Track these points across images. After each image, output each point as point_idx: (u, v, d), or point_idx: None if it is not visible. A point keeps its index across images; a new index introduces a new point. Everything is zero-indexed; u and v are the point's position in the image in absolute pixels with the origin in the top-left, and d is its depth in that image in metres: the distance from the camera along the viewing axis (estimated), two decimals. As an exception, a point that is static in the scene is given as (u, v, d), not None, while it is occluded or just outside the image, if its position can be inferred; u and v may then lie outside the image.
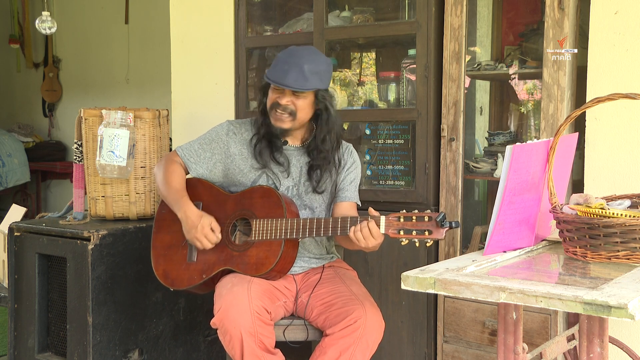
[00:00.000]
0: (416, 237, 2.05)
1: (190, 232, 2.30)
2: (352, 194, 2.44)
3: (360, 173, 2.51)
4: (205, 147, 2.43)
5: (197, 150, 2.43)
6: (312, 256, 2.43)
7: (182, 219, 2.32)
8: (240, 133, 2.44)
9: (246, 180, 2.40)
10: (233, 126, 2.45)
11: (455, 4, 2.69)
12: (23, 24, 7.19)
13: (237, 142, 2.42)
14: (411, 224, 2.06)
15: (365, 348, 2.15)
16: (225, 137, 2.43)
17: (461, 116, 2.72)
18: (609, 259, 1.76)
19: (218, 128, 2.46)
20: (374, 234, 2.10)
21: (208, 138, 2.45)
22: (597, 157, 2.48)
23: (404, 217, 2.07)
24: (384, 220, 2.10)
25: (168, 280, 2.40)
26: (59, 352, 2.83)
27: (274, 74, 2.28)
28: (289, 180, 2.40)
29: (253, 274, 2.25)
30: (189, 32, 3.51)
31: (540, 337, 2.49)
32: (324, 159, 2.37)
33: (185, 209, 2.32)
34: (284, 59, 2.30)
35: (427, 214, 2.05)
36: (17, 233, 2.89)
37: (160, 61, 5.60)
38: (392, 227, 2.08)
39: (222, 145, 2.42)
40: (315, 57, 2.32)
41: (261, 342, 2.12)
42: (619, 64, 2.42)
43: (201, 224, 2.28)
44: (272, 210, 2.27)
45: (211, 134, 2.45)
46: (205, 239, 2.28)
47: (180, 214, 2.33)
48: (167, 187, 2.39)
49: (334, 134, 2.38)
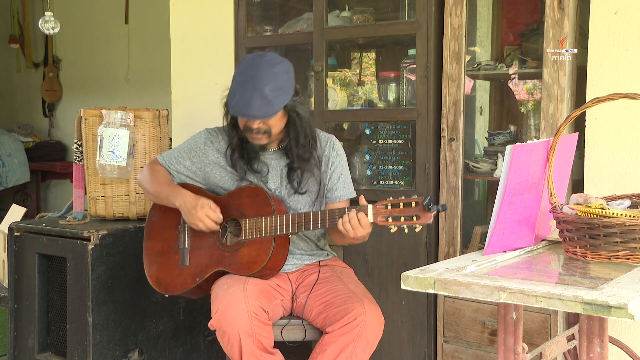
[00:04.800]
0: (405, 223, 2.05)
1: (191, 214, 2.28)
2: (342, 191, 2.42)
3: (346, 163, 2.47)
4: (184, 155, 2.45)
5: (177, 158, 2.45)
6: (303, 253, 2.43)
7: (180, 206, 2.32)
8: (218, 141, 2.44)
9: (229, 186, 2.40)
10: (210, 135, 2.46)
11: (455, 4, 2.69)
12: (23, 24, 7.19)
13: (215, 151, 2.43)
14: (399, 210, 2.06)
15: (366, 345, 2.15)
16: (203, 146, 2.44)
17: (461, 116, 2.72)
18: (609, 259, 1.76)
19: (197, 137, 2.47)
20: (363, 224, 2.11)
21: (187, 147, 2.46)
22: (597, 157, 2.48)
23: (392, 204, 2.08)
24: (371, 209, 2.10)
25: (162, 287, 2.40)
26: (59, 352, 2.83)
27: (237, 106, 2.20)
28: (270, 184, 2.39)
29: (246, 273, 2.25)
30: (189, 32, 3.51)
31: (540, 337, 2.49)
32: (302, 159, 2.36)
33: (181, 196, 2.33)
34: (241, 85, 2.19)
35: (413, 199, 2.05)
36: (17, 233, 2.89)
37: (160, 61, 5.59)
38: (380, 214, 2.09)
39: (200, 155, 2.43)
40: (272, 70, 2.19)
41: (259, 343, 2.12)
42: (619, 64, 2.42)
43: (200, 203, 2.27)
44: (261, 209, 2.27)
45: (190, 143, 2.46)
46: (207, 218, 2.27)
47: (178, 201, 2.32)
48: (157, 185, 2.40)
49: (308, 133, 2.35)
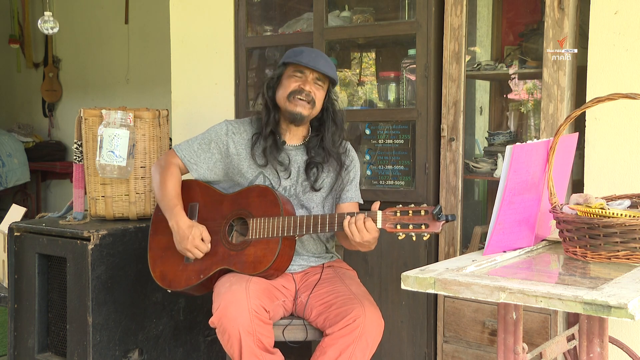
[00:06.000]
0: (413, 231, 2.06)
1: (181, 244, 2.31)
2: (353, 193, 2.46)
3: (359, 169, 2.52)
4: (204, 147, 2.43)
5: (197, 150, 2.43)
6: (310, 255, 2.44)
7: (173, 229, 2.34)
8: (239, 133, 2.44)
9: (244, 180, 2.40)
10: (232, 126, 2.45)
11: (455, 4, 2.69)
12: (23, 24, 7.19)
13: (236, 142, 2.42)
14: (408, 218, 2.07)
15: (365, 347, 2.15)
16: (225, 137, 2.43)
17: (461, 116, 2.72)
18: (609, 259, 1.76)
19: (217, 128, 2.46)
20: (368, 227, 2.11)
21: (207, 138, 2.44)
22: (597, 157, 2.48)
23: (401, 212, 2.08)
24: (380, 215, 2.11)
25: (165, 282, 2.40)
26: (59, 352, 2.83)
27: (304, 58, 2.32)
28: (288, 180, 2.40)
29: (251, 273, 2.25)
30: (189, 32, 3.51)
31: (540, 337, 2.49)
32: (326, 156, 2.39)
33: (177, 219, 2.33)
34: (305, 49, 2.37)
35: (423, 207, 2.06)
36: (17, 233, 2.89)
37: (160, 61, 5.59)
38: (389, 221, 2.09)
39: (221, 146, 2.42)
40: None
41: (260, 341, 2.12)
42: (619, 64, 2.42)
43: (192, 235, 2.29)
44: (269, 209, 2.27)
45: (210, 134, 2.45)
46: (196, 249, 2.30)
47: (172, 223, 2.34)
48: (162, 193, 2.40)
49: (342, 132, 2.43)
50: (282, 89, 2.37)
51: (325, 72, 2.33)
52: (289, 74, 2.35)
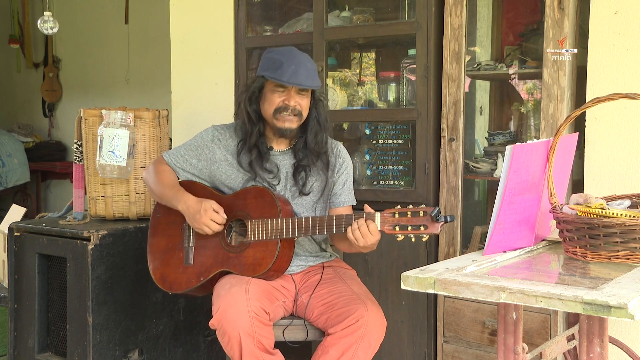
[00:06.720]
0: (412, 233, 2.05)
1: (195, 219, 2.28)
2: (347, 197, 2.44)
3: (352, 171, 2.50)
4: (191, 152, 2.44)
5: (184, 155, 2.44)
6: (308, 254, 2.43)
7: (183, 210, 2.31)
8: (225, 139, 2.43)
9: (235, 184, 2.39)
10: (217, 132, 2.44)
11: (455, 4, 2.69)
12: (23, 24, 7.19)
13: (222, 148, 2.42)
14: (406, 219, 2.06)
15: (368, 347, 2.15)
16: (210, 144, 2.42)
17: (461, 116, 2.72)
18: (609, 259, 1.76)
19: (203, 134, 2.46)
20: (372, 231, 2.10)
21: (194, 144, 2.45)
22: (597, 157, 2.48)
23: (399, 213, 2.08)
24: (379, 217, 2.10)
25: (166, 284, 2.40)
26: (59, 352, 2.83)
27: (285, 74, 2.24)
28: (278, 186, 2.39)
29: (250, 275, 2.25)
30: (189, 32, 3.51)
31: (540, 337, 2.49)
32: (313, 158, 2.37)
33: (184, 199, 2.32)
34: (284, 59, 2.26)
35: (421, 209, 2.06)
36: (17, 233, 2.89)
37: (160, 61, 5.60)
38: (387, 223, 2.09)
39: (207, 152, 2.42)
40: (307, 56, 2.33)
41: (260, 343, 2.12)
42: (619, 64, 2.42)
43: (203, 208, 2.26)
44: (267, 211, 2.26)
45: (197, 140, 2.45)
46: (212, 222, 2.26)
47: (181, 205, 2.32)
48: (161, 186, 2.40)
49: (326, 130, 2.39)
50: (266, 103, 2.32)
51: (307, 86, 2.27)
52: (271, 88, 2.30)
